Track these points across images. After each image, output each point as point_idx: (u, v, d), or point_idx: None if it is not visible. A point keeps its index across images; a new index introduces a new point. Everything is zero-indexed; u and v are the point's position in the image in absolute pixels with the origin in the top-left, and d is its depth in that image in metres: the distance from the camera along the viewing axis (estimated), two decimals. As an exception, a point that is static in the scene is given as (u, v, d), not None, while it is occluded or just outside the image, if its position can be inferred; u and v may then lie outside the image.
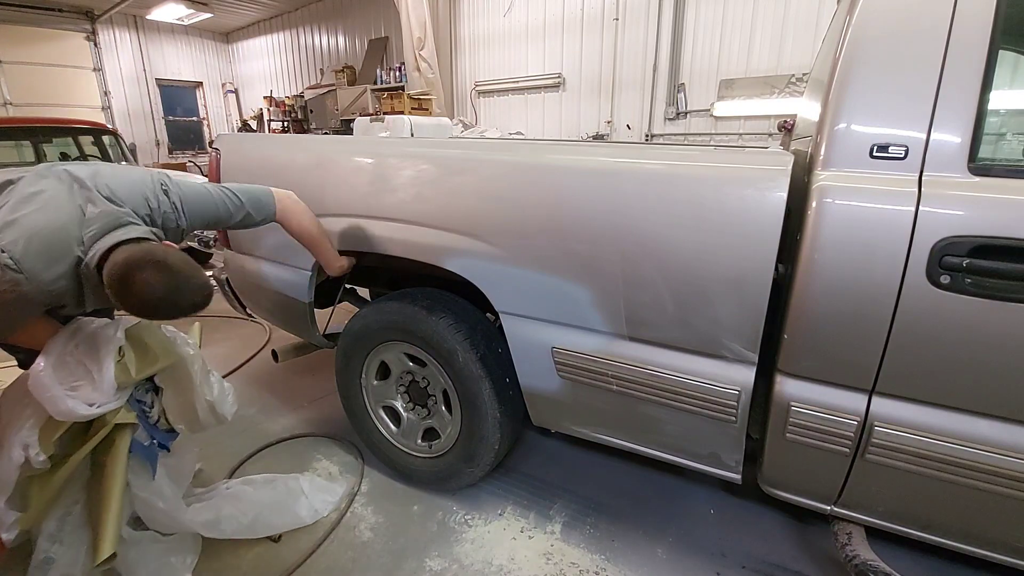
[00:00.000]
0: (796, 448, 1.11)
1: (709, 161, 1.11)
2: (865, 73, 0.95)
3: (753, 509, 1.66)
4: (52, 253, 1.07)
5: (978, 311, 0.89)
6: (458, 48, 6.56)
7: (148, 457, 1.35)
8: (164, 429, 1.42)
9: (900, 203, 0.91)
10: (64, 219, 1.09)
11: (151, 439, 1.37)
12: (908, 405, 1.00)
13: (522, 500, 1.70)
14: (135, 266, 1.04)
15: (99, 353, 1.21)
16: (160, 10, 8.40)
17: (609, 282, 1.20)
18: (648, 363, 1.22)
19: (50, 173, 1.16)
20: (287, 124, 8.42)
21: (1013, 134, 1.15)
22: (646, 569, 1.44)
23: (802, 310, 1.01)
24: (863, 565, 1.13)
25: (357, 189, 1.54)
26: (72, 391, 1.17)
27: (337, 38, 8.31)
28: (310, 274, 1.68)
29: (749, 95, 4.56)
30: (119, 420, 1.25)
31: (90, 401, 1.18)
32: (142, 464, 1.34)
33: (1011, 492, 0.95)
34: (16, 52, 7.77)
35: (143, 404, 1.36)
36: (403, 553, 1.49)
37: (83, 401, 1.17)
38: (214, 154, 1.85)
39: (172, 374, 1.37)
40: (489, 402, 1.46)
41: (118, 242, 1.09)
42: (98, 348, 1.22)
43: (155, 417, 1.39)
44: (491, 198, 1.32)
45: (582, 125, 5.71)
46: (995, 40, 0.87)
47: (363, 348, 1.69)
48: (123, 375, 1.24)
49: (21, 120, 6.05)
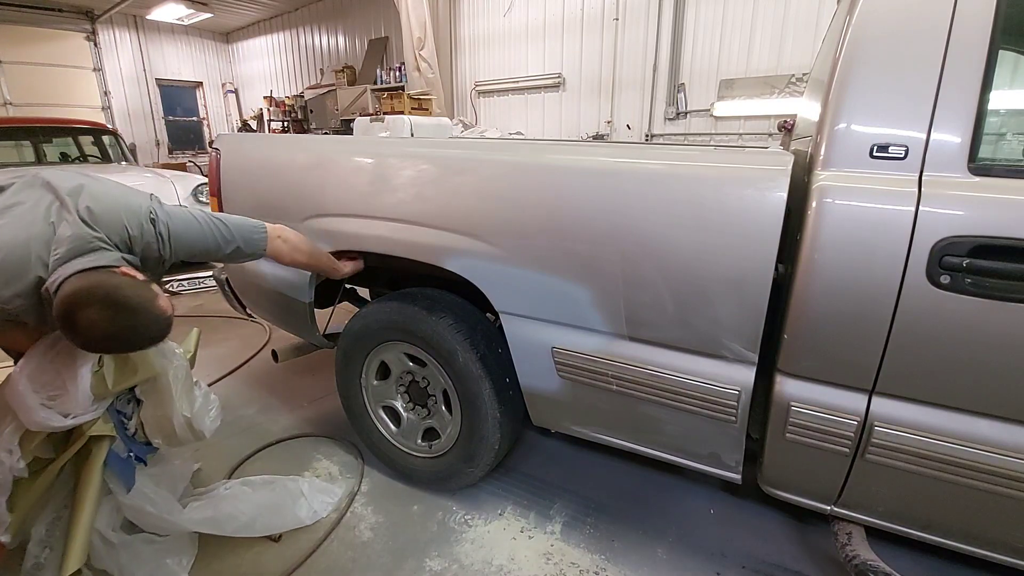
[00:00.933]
0: (796, 448, 1.11)
1: (709, 161, 1.11)
2: (865, 73, 0.95)
3: (753, 509, 1.66)
4: (7, 272, 1.02)
5: (978, 311, 0.89)
6: (458, 48, 6.56)
7: (124, 470, 1.34)
8: (142, 442, 1.40)
9: (900, 203, 0.91)
10: (28, 237, 1.04)
11: (128, 451, 1.35)
12: (908, 405, 1.00)
13: (522, 500, 1.70)
14: (79, 302, 0.98)
15: (76, 363, 1.18)
16: (160, 10, 8.40)
17: (609, 282, 1.20)
18: (648, 363, 1.22)
19: (36, 183, 1.12)
20: (287, 124, 8.42)
21: (1013, 134, 1.15)
22: (646, 569, 1.44)
23: (802, 310, 1.01)
24: (863, 565, 1.13)
25: (357, 189, 1.54)
26: (49, 401, 1.15)
27: (337, 38, 8.32)
28: (310, 274, 1.68)
29: (749, 95, 4.56)
30: (95, 432, 1.24)
31: (65, 412, 1.16)
32: (118, 477, 1.33)
33: (1011, 492, 0.95)
34: (16, 52, 7.77)
35: (123, 415, 1.34)
36: (403, 553, 1.49)
37: (58, 412, 1.15)
38: (214, 154, 1.85)
39: (153, 386, 1.35)
40: (489, 402, 1.46)
41: (78, 270, 1.03)
42: (75, 358, 1.19)
43: (133, 429, 1.37)
44: (491, 198, 1.32)
45: (582, 125, 5.71)
46: (995, 40, 0.87)
47: (363, 348, 1.69)
48: (100, 387, 1.22)
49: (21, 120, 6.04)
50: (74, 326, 0.98)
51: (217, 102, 10.66)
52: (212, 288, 3.89)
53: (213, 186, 1.85)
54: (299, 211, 1.64)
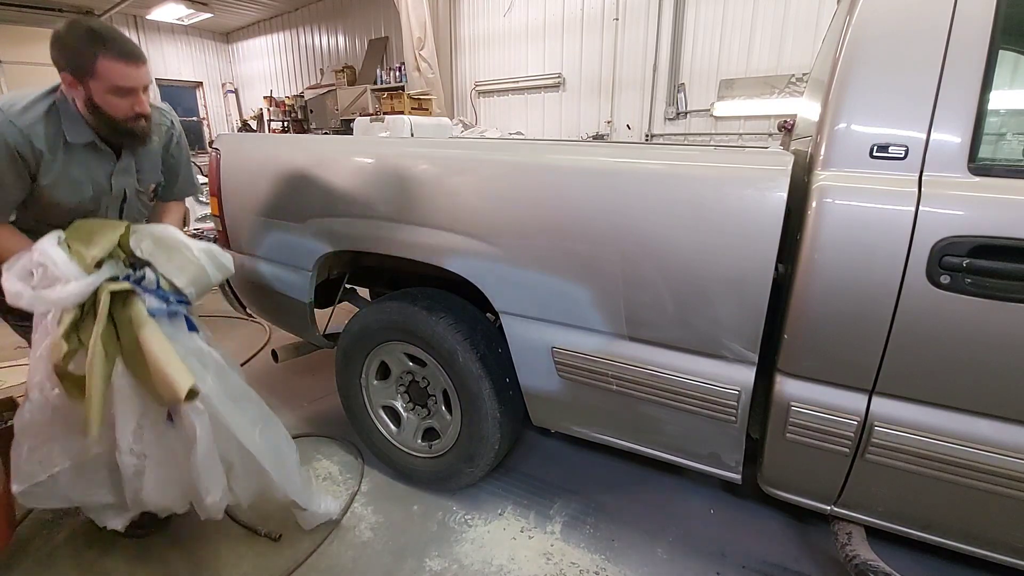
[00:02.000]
0: (796, 448, 1.11)
1: (709, 161, 1.11)
2: (865, 73, 0.95)
3: (753, 509, 1.66)
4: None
5: (978, 311, 0.89)
6: (458, 48, 6.56)
7: (174, 315, 1.29)
8: (170, 291, 1.32)
9: (900, 203, 0.91)
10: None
11: (163, 301, 1.29)
12: (908, 405, 1.00)
13: (522, 500, 1.70)
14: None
15: (43, 246, 1.19)
16: (160, 10, 8.39)
17: (609, 282, 1.20)
18: (648, 363, 1.22)
19: None
20: (287, 124, 8.41)
21: (1013, 134, 1.16)
22: (646, 569, 1.44)
23: (802, 310, 1.01)
24: (863, 565, 1.13)
25: (358, 189, 1.54)
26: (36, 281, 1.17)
27: (337, 38, 8.31)
28: (310, 274, 1.68)
29: (749, 95, 4.56)
30: (112, 289, 1.20)
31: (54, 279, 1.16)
32: (170, 323, 1.28)
33: (1011, 492, 0.95)
34: (16, 52, 7.76)
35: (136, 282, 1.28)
36: (403, 553, 1.49)
37: (47, 284, 1.16)
38: (214, 154, 1.85)
39: (156, 242, 1.32)
40: (489, 402, 1.46)
41: None
42: (43, 244, 1.20)
43: (155, 282, 1.30)
44: (491, 198, 1.32)
45: (582, 125, 5.71)
46: (995, 40, 0.87)
47: (363, 348, 1.69)
48: (79, 258, 1.21)
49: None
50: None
51: (217, 102, 10.65)
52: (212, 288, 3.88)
53: (213, 186, 1.85)
54: (299, 211, 1.64)
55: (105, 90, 1.22)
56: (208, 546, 1.49)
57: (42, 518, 1.61)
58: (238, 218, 1.83)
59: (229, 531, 1.56)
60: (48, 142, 1.26)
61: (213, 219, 1.92)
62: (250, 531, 1.55)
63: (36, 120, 1.24)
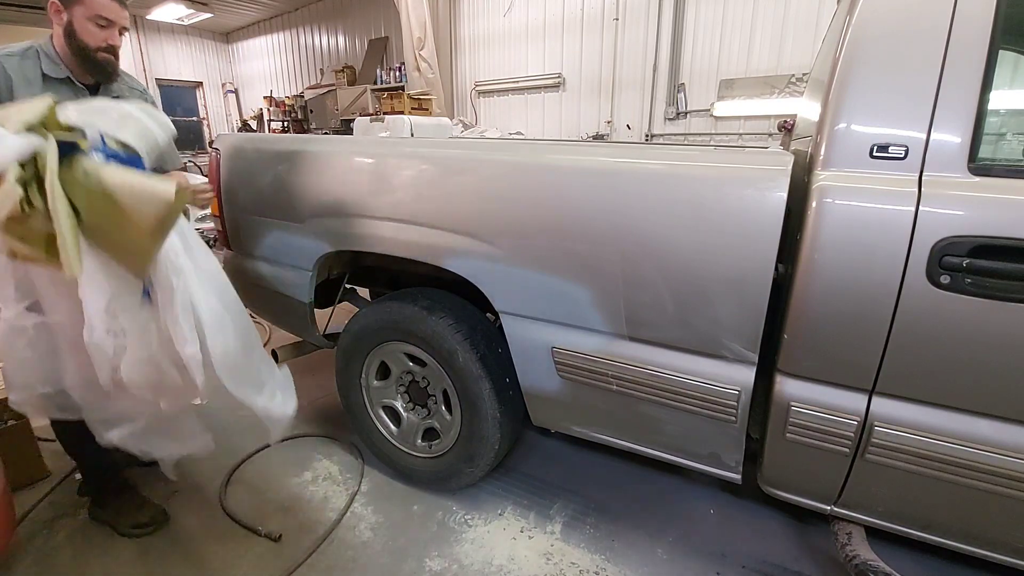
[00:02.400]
0: (796, 448, 1.11)
1: (709, 161, 1.11)
2: (865, 73, 0.95)
3: (753, 509, 1.66)
4: None
5: (978, 311, 0.89)
6: (458, 48, 6.56)
7: (130, 162, 1.19)
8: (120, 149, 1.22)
9: (900, 203, 0.91)
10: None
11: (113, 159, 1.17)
12: (908, 405, 1.00)
13: (522, 500, 1.70)
14: None
15: None
16: (160, 10, 8.40)
17: (609, 282, 1.20)
18: (648, 363, 1.22)
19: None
20: (287, 124, 8.42)
21: (1013, 134, 1.16)
22: (646, 569, 1.44)
23: (802, 310, 1.01)
24: (863, 565, 1.13)
25: (358, 189, 1.54)
26: None
27: (337, 38, 8.31)
28: (310, 274, 1.68)
29: (749, 95, 4.56)
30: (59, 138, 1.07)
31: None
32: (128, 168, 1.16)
33: (1011, 492, 0.95)
34: (16, 52, 7.77)
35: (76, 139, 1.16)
36: (403, 553, 1.49)
37: None
38: (214, 154, 1.85)
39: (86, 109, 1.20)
40: (489, 402, 1.46)
41: None
42: None
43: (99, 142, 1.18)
44: (491, 198, 1.32)
45: (582, 125, 5.71)
46: (995, 40, 0.87)
47: (363, 348, 1.69)
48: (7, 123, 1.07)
49: (21, 120, 6.03)
50: None
51: (217, 102, 10.65)
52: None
53: (213, 186, 1.85)
54: (299, 211, 1.64)
55: (87, 16, 1.34)
56: (208, 546, 1.49)
57: (42, 518, 1.61)
58: (238, 218, 1.83)
59: (229, 531, 1.56)
60: (23, 74, 1.36)
61: (213, 219, 1.92)
62: (250, 531, 1.55)
63: (10, 54, 1.36)
